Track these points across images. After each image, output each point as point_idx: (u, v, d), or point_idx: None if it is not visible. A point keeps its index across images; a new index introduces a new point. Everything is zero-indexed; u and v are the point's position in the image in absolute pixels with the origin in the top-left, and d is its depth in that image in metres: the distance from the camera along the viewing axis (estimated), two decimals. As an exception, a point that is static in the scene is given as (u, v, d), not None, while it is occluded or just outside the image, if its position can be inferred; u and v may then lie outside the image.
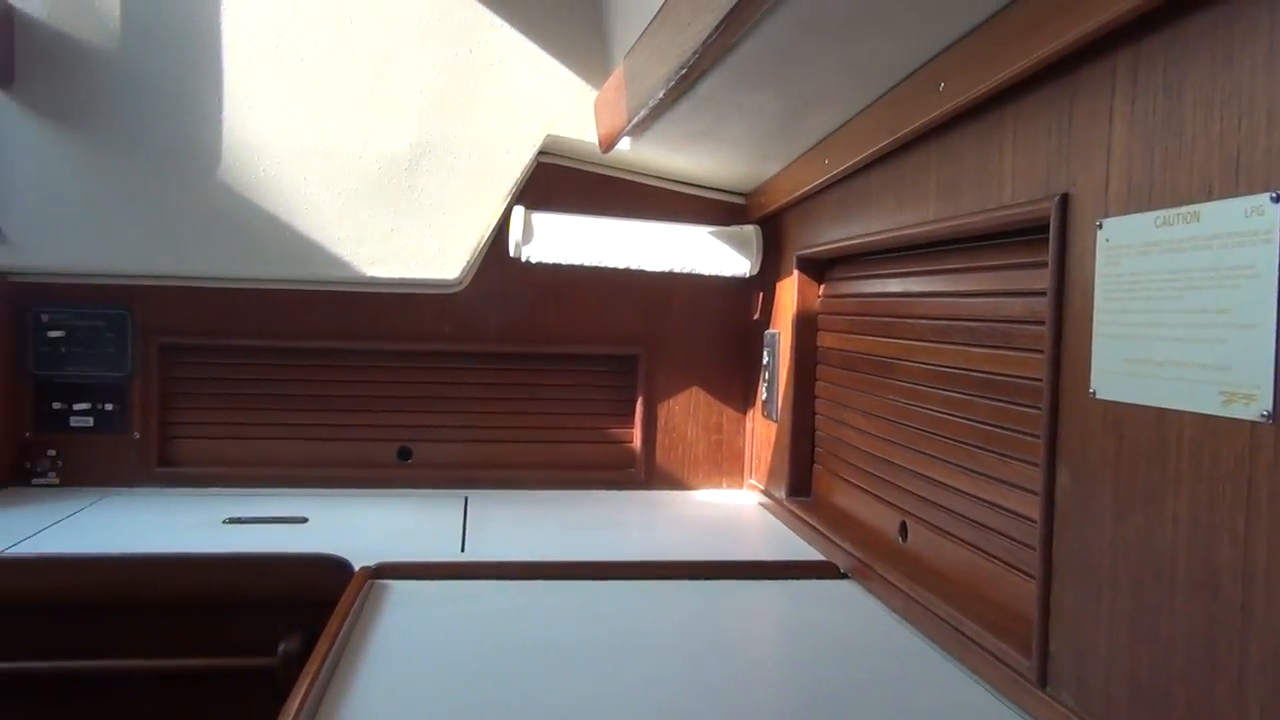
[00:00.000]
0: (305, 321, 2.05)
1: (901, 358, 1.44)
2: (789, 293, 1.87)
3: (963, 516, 1.25)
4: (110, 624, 1.45)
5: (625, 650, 1.20)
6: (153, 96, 1.89)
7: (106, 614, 1.45)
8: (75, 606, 1.45)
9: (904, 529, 1.43)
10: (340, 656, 1.12)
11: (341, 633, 1.17)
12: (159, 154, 1.91)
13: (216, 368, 2.06)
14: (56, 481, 2.01)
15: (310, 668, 1.04)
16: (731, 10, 1.08)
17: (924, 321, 1.37)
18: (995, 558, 1.17)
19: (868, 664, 1.19)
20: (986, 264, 1.20)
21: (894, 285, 1.48)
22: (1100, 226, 0.90)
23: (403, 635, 1.22)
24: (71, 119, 1.89)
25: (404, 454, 2.12)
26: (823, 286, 1.81)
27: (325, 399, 2.09)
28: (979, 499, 1.21)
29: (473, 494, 2.05)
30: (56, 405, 2.01)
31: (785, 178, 1.81)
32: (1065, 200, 0.95)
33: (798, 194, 1.75)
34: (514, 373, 2.14)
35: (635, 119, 1.57)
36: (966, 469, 1.24)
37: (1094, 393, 0.91)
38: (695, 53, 1.21)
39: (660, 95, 1.40)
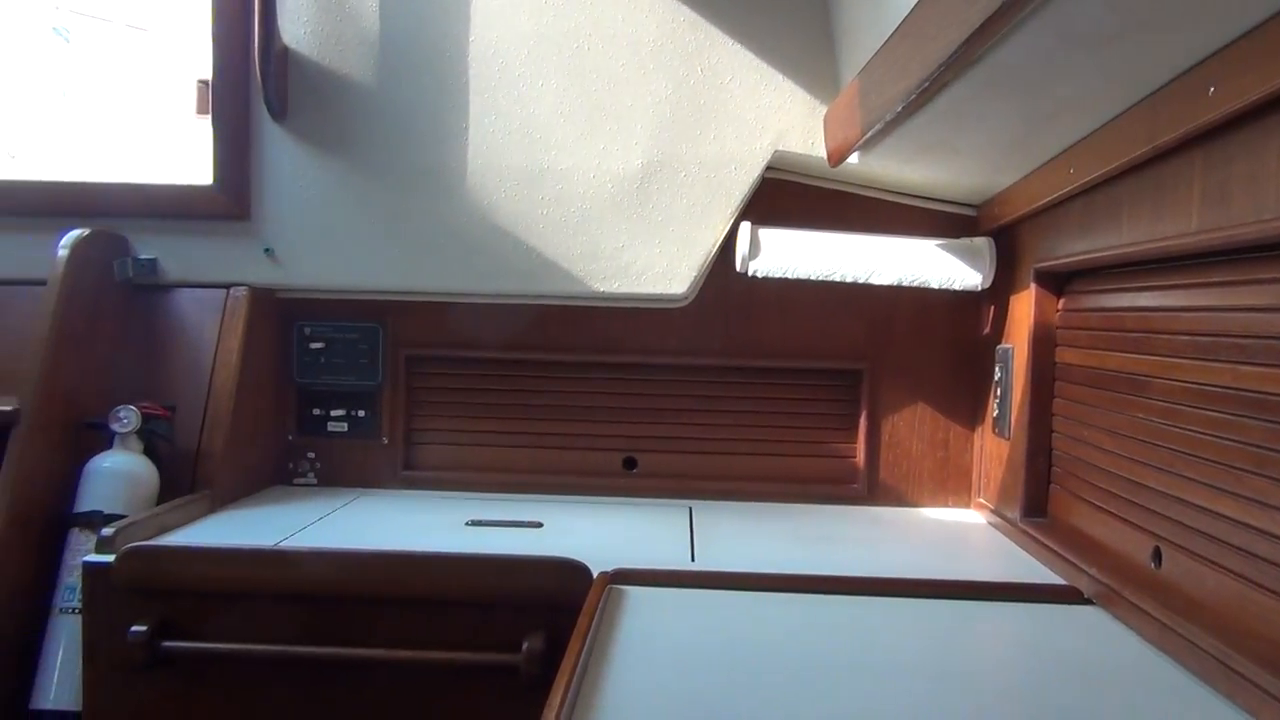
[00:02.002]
0: (539, 335, 2.15)
1: (1156, 375, 1.37)
2: (1024, 306, 1.81)
3: (1229, 544, 1.18)
4: (367, 615, 1.55)
5: (863, 667, 1.20)
6: (405, 124, 2.03)
7: (364, 605, 1.56)
8: (336, 597, 1.56)
9: (1157, 555, 1.36)
10: (589, 657, 1.17)
11: (589, 635, 1.22)
12: (410, 178, 2.04)
13: (457, 378, 2.18)
14: (314, 482, 2.18)
15: (566, 667, 1.09)
16: (982, 25, 1.07)
17: (1183, 337, 1.30)
18: (1268, 589, 1.10)
19: (1125, 695, 1.14)
20: (1261, 277, 1.13)
21: (1147, 299, 1.42)
22: (1404, 237, 0.84)
23: (643, 640, 1.25)
24: (334, 148, 2.05)
25: (629, 463, 2.18)
26: (1062, 300, 1.74)
27: (556, 409, 2.17)
28: (1249, 526, 1.14)
29: (696, 504, 2.08)
30: (316, 411, 2.18)
31: (1023, 188, 1.75)
32: (1360, 209, 0.89)
33: (1037, 205, 1.69)
34: (737, 386, 2.16)
35: (869, 133, 1.57)
36: (1233, 494, 1.17)
37: (1395, 416, 0.84)
38: (940, 66, 1.20)
39: (899, 109, 1.40)
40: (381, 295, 2.13)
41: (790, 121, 2.00)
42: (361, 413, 2.17)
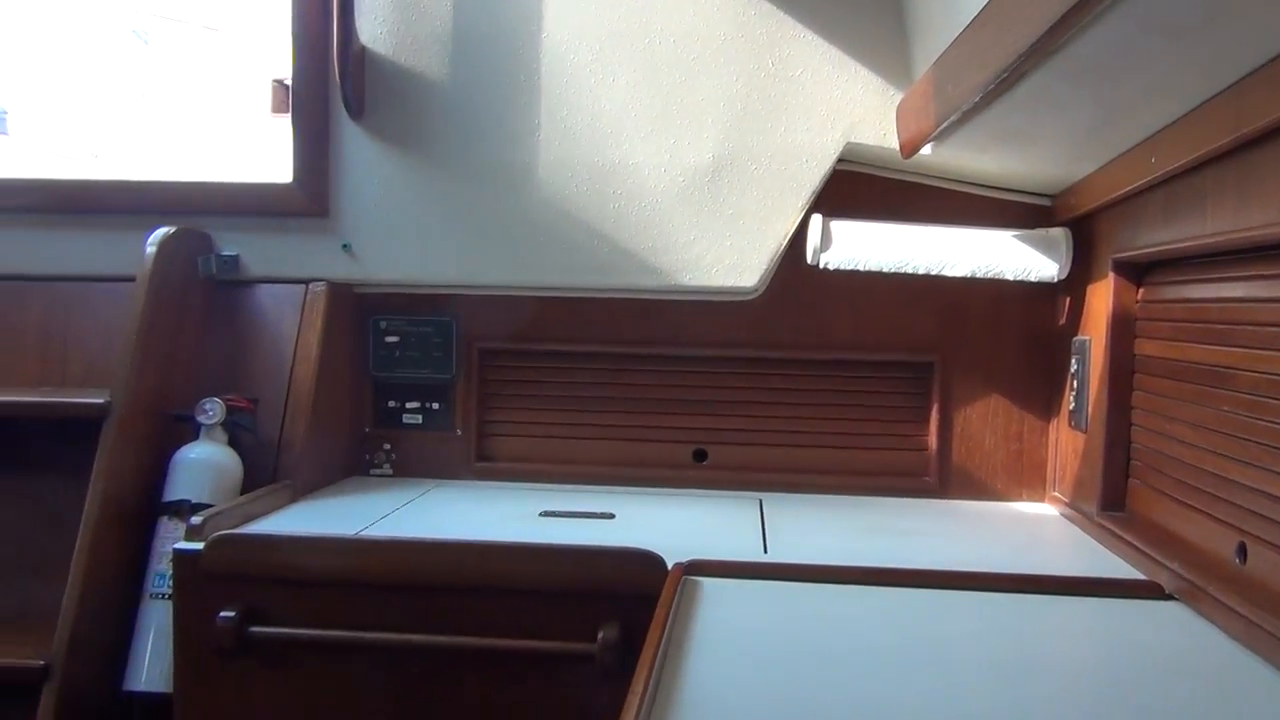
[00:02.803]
0: (610, 327, 2.16)
1: (1242, 367, 1.34)
2: (1102, 297, 1.79)
3: (1319, 540, 1.16)
4: (446, 602, 1.58)
5: (942, 661, 1.20)
6: (479, 121, 2.07)
7: (444, 593, 1.59)
8: (417, 585, 1.59)
9: (1242, 550, 1.34)
10: (668, 647, 1.18)
11: (667, 624, 1.23)
12: (483, 174, 2.07)
13: (528, 371, 2.21)
14: (390, 473, 2.22)
15: (646, 656, 1.11)
16: (1065, 13, 1.05)
17: (1270, 328, 1.27)
18: (1361, 586, 1.08)
19: (1210, 691, 1.12)
20: (1354, 267, 1.10)
21: (1232, 290, 1.39)
22: None
23: (720, 630, 1.26)
24: (409, 145, 2.09)
25: (699, 455, 2.19)
26: (1141, 291, 1.72)
27: (626, 401, 2.19)
28: (1340, 521, 1.11)
29: (766, 496, 2.09)
30: (391, 404, 2.22)
31: (1101, 177, 1.73)
32: None
33: (1116, 194, 1.67)
34: (807, 378, 2.16)
35: (944, 124, 1.56)
36: (1324, 488, 1.14)
37: None
38: (1021, 56, 1.18)
39: (976, 99, 1.39)
40: (455, 290, 2.16)
41: (862, 113, 1.99)
42: (436, 405, 2.21)
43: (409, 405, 2.21)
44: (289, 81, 2.12)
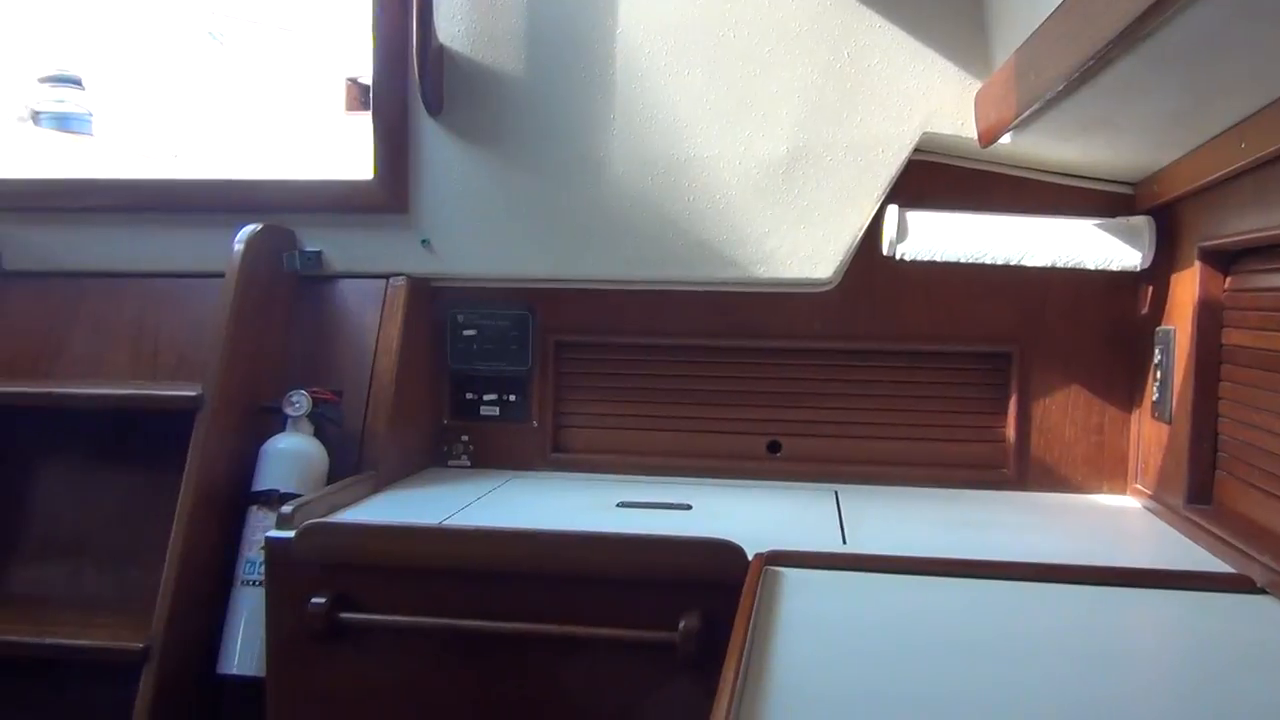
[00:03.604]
0: (685, 320, 2.18)
1: (1338, 357, 1.32)
2: (1186, 287, 1.76)
3: None
4: (529, 590, 1.61)
5: (1029, 654, 1.19)
6: (555, 116, 2.09)
7: (527, 581, 1.62)
8: (501, 573, 1.62)
9: (1338, 544, 1.31)
10: (754, 636, 1.20)
11: (752, 614, 1.25)
12: (559, 169, 2.10)
13: (604, 363, 2.23)
14: (468, 464, 2.26)
15: (734, 645, 1.12)
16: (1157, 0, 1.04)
17: (1369, 317, 1.25)
18: None
19: (1307, 686, 1.11)
20: None
21: (1327, 278, 1.36)
22: None
23: (804, 620, 1.27)
24: (486, 141, 2.12)
25: (774, 447, 2.19)
26: (1229, 280, 1.68)
27: (701, 393, 2.20)
28: None
29: (842, 488, 2.09)
30: (469, 396, 2.26)
31: (1186, 164, 1.70)
32: None
33: (1202, 181, 1.64)
34: (882, 369, 2.15)
35: (1026, 112, 1.54)
36: None
37: None
38: (1109, 43, 1.17)
39: (1060, 87, 1.37)
40: (531, 283, 2.19)
41: (939, 103, 1.98)
42: (512, 397, 2.24)
43: (486, 397, 2.25)
44: (364, 80, 2.16)
